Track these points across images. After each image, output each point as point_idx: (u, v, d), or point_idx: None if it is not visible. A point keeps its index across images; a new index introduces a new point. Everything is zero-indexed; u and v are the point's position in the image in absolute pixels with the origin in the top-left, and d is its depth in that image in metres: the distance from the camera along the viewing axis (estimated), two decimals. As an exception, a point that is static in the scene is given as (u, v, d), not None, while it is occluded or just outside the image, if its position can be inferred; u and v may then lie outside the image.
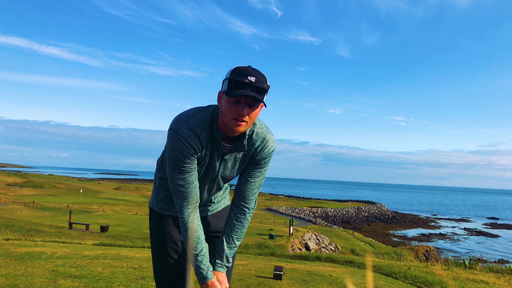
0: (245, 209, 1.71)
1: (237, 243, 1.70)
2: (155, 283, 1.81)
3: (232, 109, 1.44)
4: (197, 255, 1.56)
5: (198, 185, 1.62)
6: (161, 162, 1.81)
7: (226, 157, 1.62)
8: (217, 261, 1.64)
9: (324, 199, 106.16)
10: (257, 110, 1.49)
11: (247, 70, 1.44)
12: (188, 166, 1.54)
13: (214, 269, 1.62)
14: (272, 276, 4.47)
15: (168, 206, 1.81)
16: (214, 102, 1.64)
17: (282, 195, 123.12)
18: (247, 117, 1.46)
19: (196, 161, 1.57)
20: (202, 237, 1.60)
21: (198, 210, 1.63)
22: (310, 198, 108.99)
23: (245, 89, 1.41)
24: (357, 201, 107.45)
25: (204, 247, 1.59)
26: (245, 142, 1.59)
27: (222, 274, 1.63)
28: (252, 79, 1.42)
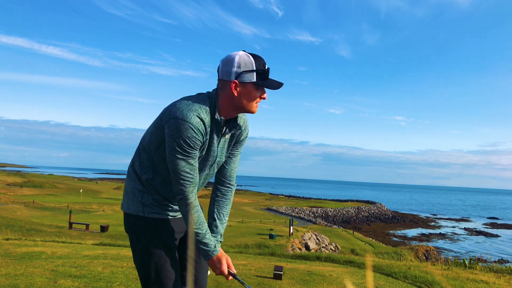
0: (231, 186, 1.89)
1: (227, 218, 1.88)
2: None
3: (257, 95, 1.65)
4: (206, 231, 1.67)
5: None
6: (142, 163, 1.74)
7: (223, 139, 1.73)
8: (216, 228, 1.81)
9: (324, 199, 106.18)
10: None
11: (262, 59, 1.65)
12: (195, 153, 1.62)
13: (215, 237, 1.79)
14: (272, 276, 4.47)
15: (157, 209, 1.75)
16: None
17: (282, 195, 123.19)
18: None
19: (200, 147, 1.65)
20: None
21: None
22: (310, 198, 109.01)
23: (269, 77, 1.66)
24: (357, 201, 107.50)
25: (206, 223, 1.73)
26: (238, 121, 1.76)
27: (221, 250, 1.74)
28: (267, 66, 1.66)
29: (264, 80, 1.63)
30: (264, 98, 1.68)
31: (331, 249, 32.03)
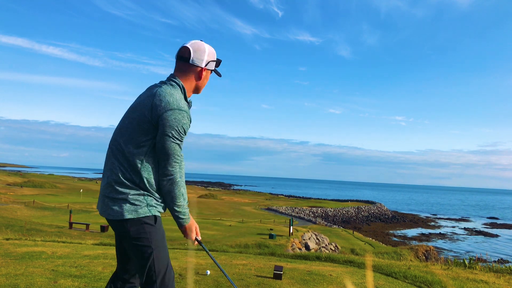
0: None
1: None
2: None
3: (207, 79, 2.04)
4: (186, 202, 1.93)
5: None
6: (135, 168, 1.83)
7: None
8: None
9: (324, 199, 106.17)
10: None
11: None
12: (185, 137, 1.88)
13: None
14: (272, 276, 4.47)
15: (159, 207, 1.92)
16: (214, 102, 1.81)
17: (282, 195, 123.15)
18: None
19: None
20: None
21: None
22: (310, 198, 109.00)
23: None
24: (357, 201, 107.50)
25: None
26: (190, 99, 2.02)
27: (191, 218, 2.02)
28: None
29: (217, 67, 2.03)
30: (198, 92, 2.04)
31: (331, 249, 32.03)
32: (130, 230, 1.83)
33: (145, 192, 1.85)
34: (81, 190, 65.56)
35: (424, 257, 32.00)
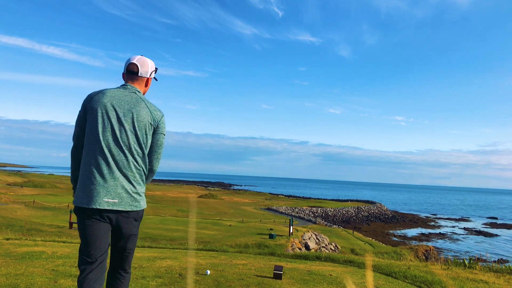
0: None
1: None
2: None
3: None
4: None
5: None
6: (141, 172, 2.29)
7: None
8: None
9: (324, 199, 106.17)
10: None
11: None
12: None
13: None
14: (272, 276, 4.48)
15: None
16: (214, 102, 1.84)
17: (282, 194, 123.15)
18: None
19: None
20: None
21: None
22: (310, 198, 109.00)
23: None
24: (356, 200, 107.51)
25: None
26: None
27: None
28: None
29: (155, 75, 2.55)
30: None
31: (331, 248, 32.03)
32: (139, 219, 2.29)
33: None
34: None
35: (424, 257, 32.01)
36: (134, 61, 2.39)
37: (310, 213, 69.86)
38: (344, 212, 76.11)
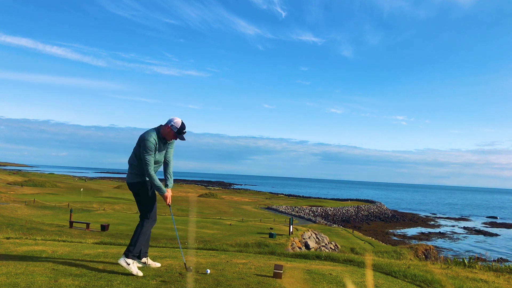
0: (169, 167, 4.65)
1: (172, 178, 4.68)
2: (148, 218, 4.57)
3: (173, 137, 4.39)
4: (159, 182, 4.38)
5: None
6: (139, 166, 4.49)
7: (163, 147, 4.41)
8: (167, 183, 4.56)
9: (324, 198, 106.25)
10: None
11: (184, 126, 4.34)
12: (152, 152, 4.27)
13: (166, 186, 4.52)
14: (272, 275, 4.48)
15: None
16: (216, 101, 1.84)
17: (282, 194, 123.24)
18: None
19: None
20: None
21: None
22: (310, 197, 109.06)
23: (182, 135, 4.41)
24: (356, 200, 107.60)
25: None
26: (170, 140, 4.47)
27: (168, 190, 4.51)
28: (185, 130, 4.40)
29: (179, 134, 4.32)
30: (175, 139, 4.39)
31: (330, 248, 32.06)
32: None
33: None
34: (82, 189, 65.60)
35: (423, 256, 32.05)
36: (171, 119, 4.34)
37: (310, 212, 69.90)
38: (344, 211, 76.16)
